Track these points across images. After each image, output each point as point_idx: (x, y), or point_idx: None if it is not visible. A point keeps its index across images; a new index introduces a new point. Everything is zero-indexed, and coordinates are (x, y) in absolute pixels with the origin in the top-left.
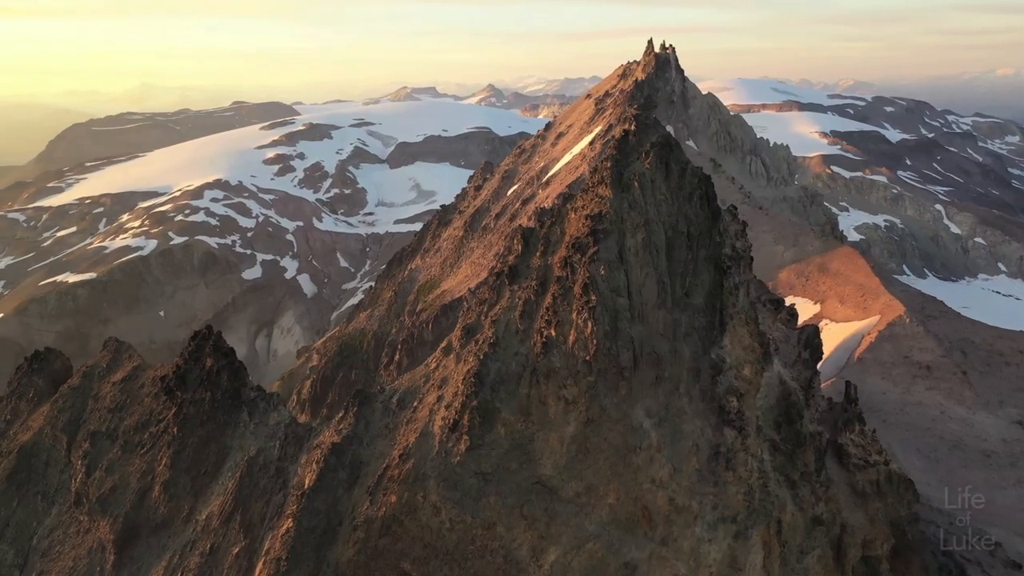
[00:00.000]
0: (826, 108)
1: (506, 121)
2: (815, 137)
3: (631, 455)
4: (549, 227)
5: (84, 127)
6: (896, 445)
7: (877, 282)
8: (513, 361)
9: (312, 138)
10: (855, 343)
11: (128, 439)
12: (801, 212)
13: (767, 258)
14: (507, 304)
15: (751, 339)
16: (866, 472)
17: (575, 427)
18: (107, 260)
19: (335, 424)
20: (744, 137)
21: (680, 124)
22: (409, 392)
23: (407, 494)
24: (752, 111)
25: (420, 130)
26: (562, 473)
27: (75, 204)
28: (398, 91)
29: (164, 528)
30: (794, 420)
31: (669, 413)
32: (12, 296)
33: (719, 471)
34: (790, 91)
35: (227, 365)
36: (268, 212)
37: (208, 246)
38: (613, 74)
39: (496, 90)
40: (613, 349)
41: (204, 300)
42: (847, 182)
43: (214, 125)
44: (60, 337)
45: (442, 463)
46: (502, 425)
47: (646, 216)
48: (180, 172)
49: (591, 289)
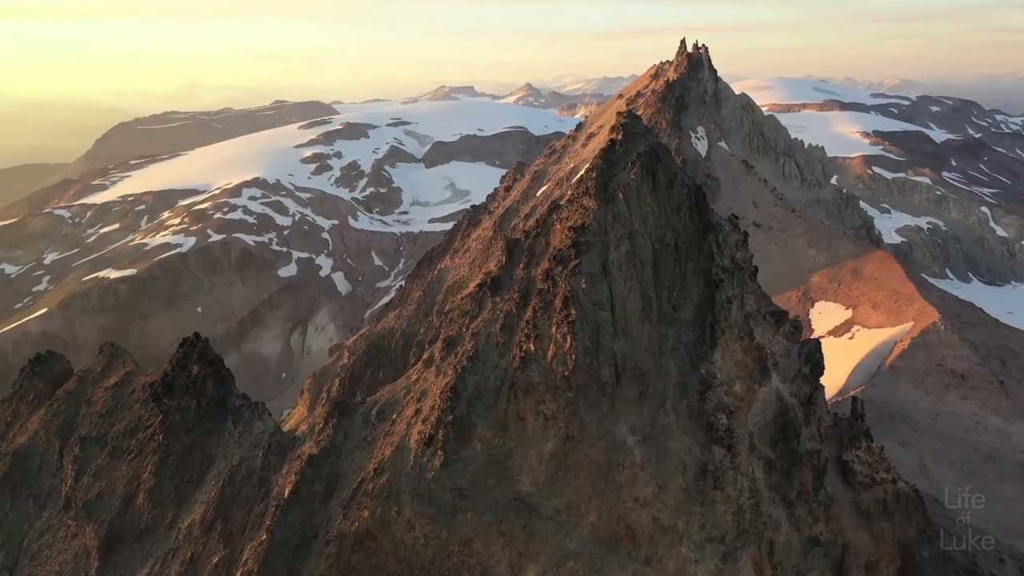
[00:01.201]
0: (869, 108)
1: (542, 121)
2: (856, 137)
3: (613, 472)
4: (534, 238)
5: (130, 126)
6: (928, 456)
7: (911, 287)
8: (492, 375)
9: (349, 137)
10: (887, 350)
11: (116, 445)
12: (836, 215)
13: (799, 262)
14: (489, 316)
15: (744, 354)
16: (872, 490)
17: (554, 443)
18: (147, 257)
19: (315, 435)
20: (778, 138)
21: (712, 125)
22: (389, 404)
23: (380, 509)
24: (792, 111)
25: (456, 129)
26: (541, 490)
27: (118, 201)
28: (436, 90)
29: (148, 535)
30: (790, 438)
31: (654, 430)
32: (56, 291)
33: (707, 490)
34: (832, 90)
35: (213, 373)
36: (304, 210)
37: (245, 244)
38: (646, 74)
39: (533, 89)
40: (594, 364)
41: (240, 297)
42: (889, 183)
43: (255, 124)
44: (101, 332)
45: (417, 478)
46: (478, 440)
47: (631, 228)
48: (220, 170)
49: (571, 303)
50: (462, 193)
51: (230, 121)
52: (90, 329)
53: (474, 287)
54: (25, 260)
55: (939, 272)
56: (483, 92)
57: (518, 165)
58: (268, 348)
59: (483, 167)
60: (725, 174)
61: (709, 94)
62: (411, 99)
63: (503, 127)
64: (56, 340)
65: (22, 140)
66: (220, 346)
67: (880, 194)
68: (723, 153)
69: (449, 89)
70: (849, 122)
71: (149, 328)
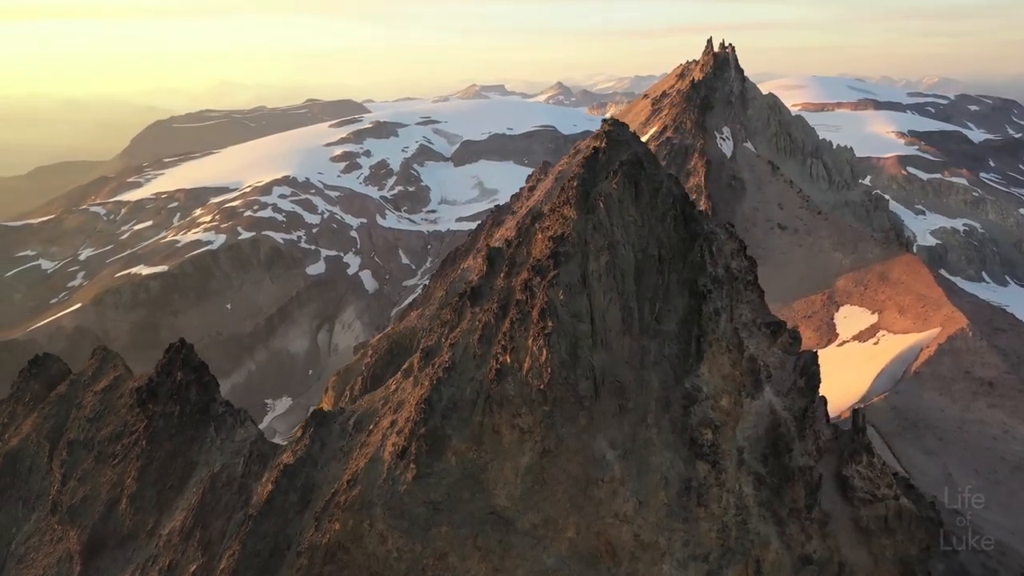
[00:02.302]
0: (905, 107)
1: (571, 120)
2: (891, 137)
3: (592, 487)
4: (516, 247)
5: (165, 124)
6: (953, 465)
7: (940, 292)
8: (468, 387)
9: (379, 136)
10: (912, 356)
11: (102, 449)
12: (864, 217)
13: (825, 265)
14: (467, 327)
15: (732, 367)
16: (873, 507)
17: (530, 457)
18: (179, 253)
19: (293, 444)
20: (805, 139)
21: (738, 125)
22: (367, 414)
23: (352, 521)
24: (826, 110)
25: (485, 128)
26: (517, 504)
27: (152, 199)
28: (467, 89)
29: (130, 541)
30: (781, 453)
31: (635, 445)
32: (90, 287)
33: (690, 506)
34: (867, 89)
35: (196, 379)
36: (333, 209)
37: (274, 241)
38: (672, 74)
39: (564, 88)
40: (571, 377)
41: (269, 294)
42: (924, 184)
43: (287, 122)
44: (133, 327)
45: (389, 491)
46: (453, 453)
47: (611, 239)
48: (251, 169)
49: (548, 314)
50: (490, 192)
51: (263, 120)
52: (122, 324)
53: (456, 296)
54: (61, 256)
55: (975, 275)
56: (513, 91)
57: (543, 165)
58: (296, 345)
59: (511, 166)
60: (751, 175)
61: (735, 94)
62: (442, 98)
63: (532, 126)
64: (89, 335)
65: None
66: (248, 343)
67: (915, 195)
68: (749, 154)
69: (480, 88)
70: (884, 121)
71: (179, 324)
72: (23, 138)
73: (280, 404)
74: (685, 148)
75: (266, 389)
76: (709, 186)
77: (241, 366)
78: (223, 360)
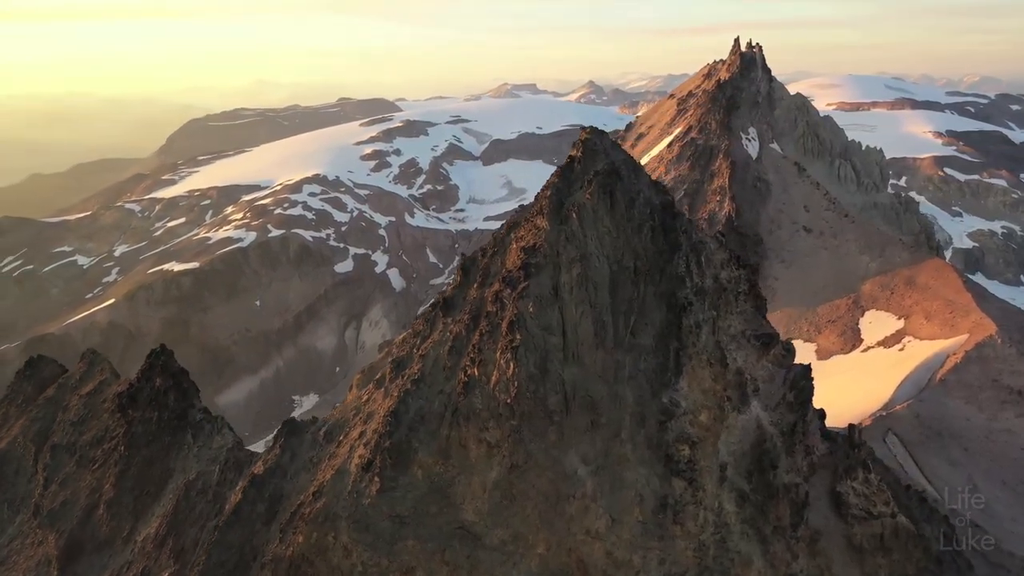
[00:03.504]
0: (943, 106)
1: (602, 119)
2: (928, 137)
3: (563, 503)
4: (490, 257)
5: (201, 122)
6: (978, 476)
7: (968, 298)
8: (437, 399)
9: (408, 135)
10: (939, 363)
11: (84, 454)
12: (893, 220)
13: (851, 268)
14: (439, 338)
15: (714, 382)
16: (868, 525)
17: (498, 472)
18: (210, 250)
19: (265, 454)
20: (834, 140)
21: (764, 126)
22: (338, 424)
23: (316, 534)
24: (861, 109)
25: (515, 127)
26: (486, 519)
27: (185, 196)
28: (498, 87)
29: (107, 547)
30: (766, 470)
31: (608, 460)
32: (123, 282)
33: (666, 524)
34: (905, 88)
35: (175, 385)
36: (362, 207)
37: (303, 239)
38: (699, 73)
39: (596, 87)
40: (540, 392)
41: (298, 292)
42: (961, 185)
43: (320, 121)
44: (164, 323)
45: (354, 504)
46: (419, 467)
47: (584, 250)
48: (283, 167)
49: (517, 327)
50: (518, 191)
51: (296, 118)
52: (153, 320)
53: (428, 306)
54: (97, 252)
55: (1013, 279)
56: (545, 89)
57: None
58: (323, 342)
59: (540, 165)
60: (776, 177)
61: (762, 94)
62: (473, 96)
63: (562, 125)
64: (122, 330)
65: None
66: (277, 339)
67: (951, 196)
68: (775, 155)
69: (511, 87)
70: (921, 121)
71: (209, 320)
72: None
73: (307, 401)
74: (710, 149)
75: (294, 386)
76: (733, 187)
77: (269, 363)
78: (251, 357)
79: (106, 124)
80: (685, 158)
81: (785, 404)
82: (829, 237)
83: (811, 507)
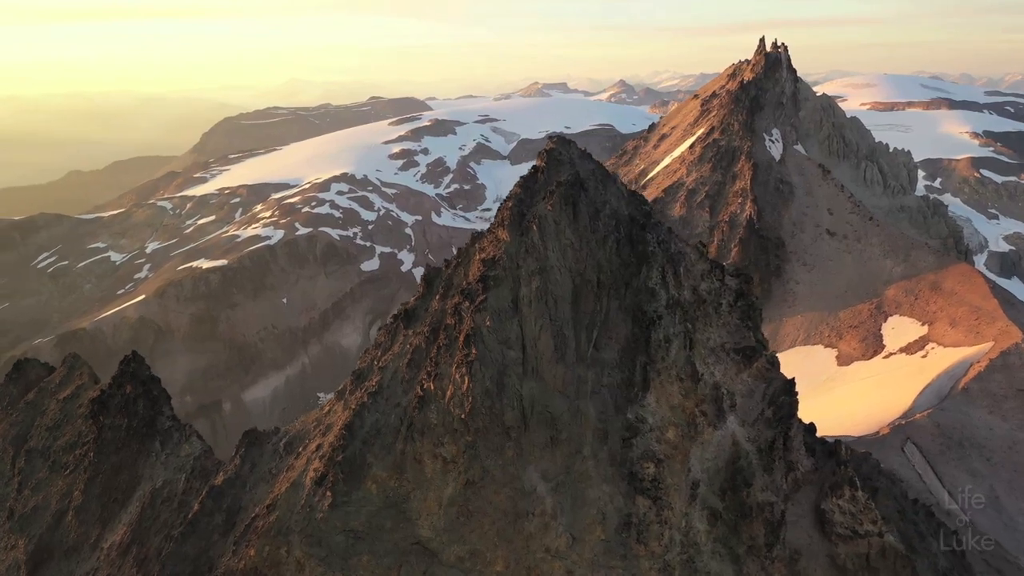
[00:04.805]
0: (981, 106)
1: (631, 118)
2: (964, 138)
3: (522, 521)
4: (454, 268)
5: (234, 121)
6: (1001, 488)
7: (995, 304)
8: (393, 413)
9: (437, 134)
10: (962, 371)
11: (57, 459)
12: (920, 224)
13: (874, 273)
14: (399, 350)
15: (683, 398)
16: (853, 544)
17: (454, 488)
18: (238, 248)
19: (226, 464)
20: (860, 141)
21: (789, 127)
22: (298, 436)
23: (269, 548)
24: (896, 109)
25: (543, 127)
26: (442, 535)
27: (215, 194)
28: (529, 87)
29: (75, 553)
30: (739, 488)
31: (570, 477)
32: (154, 279)
33: (629, 543)
34: (942, 87)
35: (145, 393)
36: (389, 206)
37: (330, 237)
38: (724, 73)
39: (627, 86)
40: (496, 407)
41: (324, 290)
42: (998, 187)
43: (351, 119)
44: (192, 319)
45: (307, 517)
46: (373, 482)
47: (544, 263)
48: (312, 165)
49: (473, 341)
50: None
51: (328, 116)
52: (182, 316)
53: (390, 317)
54: (129, 248)
55: None
56: (576, 88)
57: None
58: (348, 340)
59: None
60: (799, 179)
61: (787, 95)
62: (504, 95)
63: (590, 124)
64: (151, 326)
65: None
66: (303, 337)
67: (988, 199)
68: (799, 157)
69: (542, 86)
70: (958, 121)
71: (237, 317)
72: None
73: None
74: (732, 150)
75: (319, 383)
76: (755, 189)
77: (295, 359)
78: (278, 353)
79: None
80: (707, 159)
81: (763, 420)
82: (853, 241)
83: (795, 525)
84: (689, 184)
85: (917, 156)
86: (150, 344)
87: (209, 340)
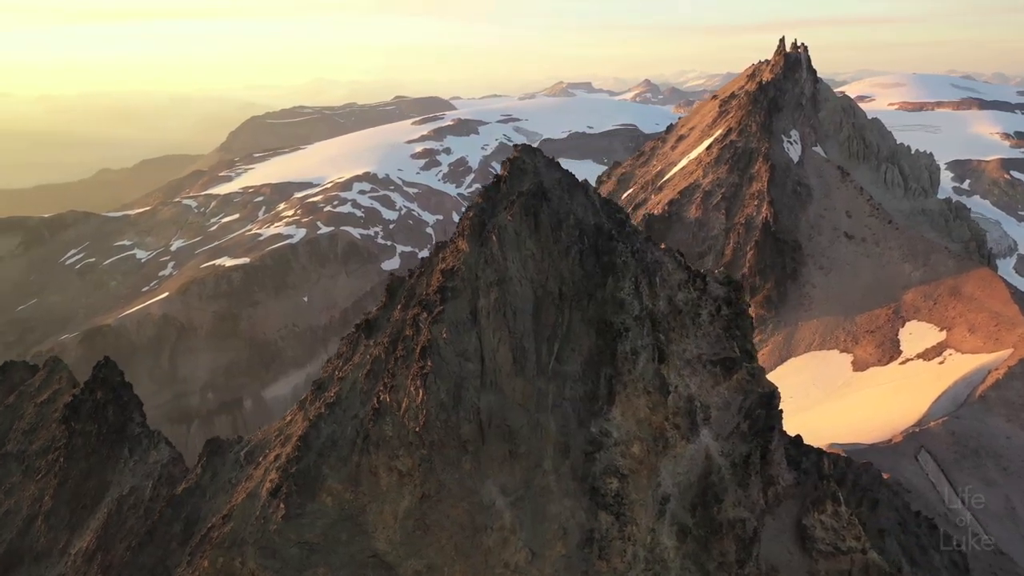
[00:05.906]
0: (1013, 106)
1: (655, 118)
2: (995, 139)
3: (480, 535)
4: (416, 278)
5: (260, 120)
6: (1017, 498)
7: (1016, 310)
8: (349, 425)
9: (459, 133)
10: (979, 378)
11: (30, 464)
12: (942, 227)
13: (892, 277)
14: (358, 361)
15: (650, 412)
16: (835, 560)
17: (410, 501)
18: (260, 246)
19: (189, 473)
20: (881, 143)
21: (807, 129)
22: (259, 446)
23: (222, 559)
24: (925, 109)
25: (566, 126)
26: (398, 549)
27: (239, 193)
28: (553, 86)
29: (44, 558)
30: (710, 504)
31: (530, 492)
32: (178, 276)
33: (591, 559)
34: (973, 87)
35: (115, 399)
36: (411, 205)
37: (352, 237)
38: (743, 74)
39: (652, 85)
40: (452, 420)
41: (344, 288)
42: None
43: (376, 118)
44: (214, 317)
45: (260, 529)
46: (327, 494)
47: (504, 274)
48: (335, 164)
49: (429, 353)
50: None
51: (353, 116)
52: (205, 314)
53: (353, 326)
54: (155, 246)
55: None
56: (601, 88)
57: (614, 166)
58: None
59: (590, 165)
60: (818, 181)
61: (806, 96)
62: (528, 95)
63: (613, 124)
64: (174, 323)
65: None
66: (324, 335)
67: (1018, 201)
68: (817, 159)
69: (567, 85)
70: (988, 122)
71: (258, 315)
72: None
73: None
74: (749, 152)
75: None
76: (772, 191)
77: (316, 358)
78: (298, 351)
79: (172, 121)
80: (724, 161)
81: (738, 433)
82: (871, 244)
83: (774, 540)
84: (705, 186)
85: (946, 157)
86: (173, 341)
87: (231, 338)
